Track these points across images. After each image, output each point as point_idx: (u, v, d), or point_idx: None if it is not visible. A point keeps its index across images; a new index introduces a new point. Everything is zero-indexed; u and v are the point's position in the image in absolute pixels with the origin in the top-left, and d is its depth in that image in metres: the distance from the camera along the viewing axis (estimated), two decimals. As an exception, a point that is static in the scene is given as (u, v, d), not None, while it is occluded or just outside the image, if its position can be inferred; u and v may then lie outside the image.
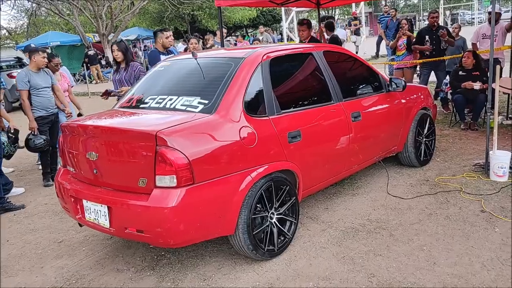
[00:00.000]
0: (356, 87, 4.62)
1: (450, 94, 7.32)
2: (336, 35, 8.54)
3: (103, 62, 23.43)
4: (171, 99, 3.55)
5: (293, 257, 3.56)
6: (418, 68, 8.70)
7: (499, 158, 4.72)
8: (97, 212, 3.34)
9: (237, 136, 3.28)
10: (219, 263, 3.57)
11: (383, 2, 32.03)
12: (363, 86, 4.72)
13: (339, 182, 4.95)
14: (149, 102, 3.67)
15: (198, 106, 3.38)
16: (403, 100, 5.04)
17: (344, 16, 45.14)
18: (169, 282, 3.38)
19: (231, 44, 10.30)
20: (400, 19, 9.73)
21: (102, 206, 3.28)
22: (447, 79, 7.52)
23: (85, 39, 23.80)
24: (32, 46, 7.74)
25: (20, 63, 16.40)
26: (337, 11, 44.85)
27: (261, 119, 3.50)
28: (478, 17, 34.05)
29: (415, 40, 8.14)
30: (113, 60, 5.82)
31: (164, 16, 27.08)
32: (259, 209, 3.44)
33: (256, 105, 3.54)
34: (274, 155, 3.53)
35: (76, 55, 23.72)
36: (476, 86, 6.69)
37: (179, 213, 2.98)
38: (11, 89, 13.05)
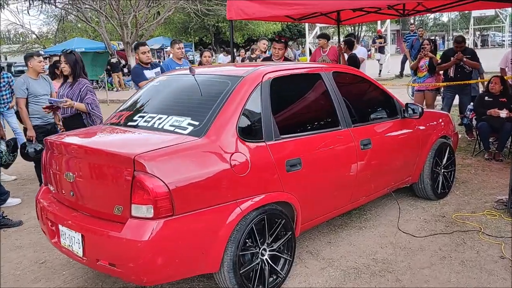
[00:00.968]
0: (368, 112, 4.26)
1: (475, 120, 6.86)
2: (354, 54, 8.18)
3: (126, 70, 23.54)
4: (160, 118, 3.26)
5: (284, 300, 3.20)
6: (442, 90, 8.27)
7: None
8: (71, 239, 3.06)
9: (227, 163, 2.96)
10: (203, 302, 3.24)
11: (411, 20, 31.51)
12: (376, 111, 4.35)
13: (347, 213, 4.57)
14: (138, 120, 3.38)
15: (188, 128, 3.08)
16: (420, 127, 4.65)
17: (371, 33, 44.68)
18: (145, 320, 3.06)
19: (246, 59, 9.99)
20: (424, 39, 9.33)
21: (76, 233, 3.00)
22: (472, 104, 7.06)
23: (109, 46, 23.98)
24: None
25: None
26: (363, 28, 44.44)
27: (256, 145, 3.17)
28: (509, 39, 33.14)
29: (440, 61, 7.73)
30: (60, 72, 5.59)
31: (188, 27, 27.14)
32: (249, 244, 3.10)
33: (252, 129, 3.22)
34: (269, 185, 3.19)
35: (100, 62, 23.86)
36: (503, 114, 6.24)
37: (154, 247, 2.67)
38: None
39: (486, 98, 6.59)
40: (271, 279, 3.24)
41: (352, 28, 35.65)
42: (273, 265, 3.25)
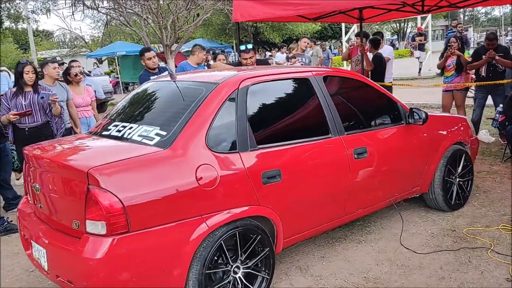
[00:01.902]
0: (365, 119, 3.97)
1: (506, 123, 6.34)
2: (379, 53, 7.81)
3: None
4: (131, 128, 3.14)
5: (258, 321, 3.00)
6: (473, 90, 7.74)
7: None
8: (39, 251, 3.00)
9: (192, 176, 2.80)
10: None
11: (461, 16, 30.06)
12: (375, 117, 4.06)
13: (349, 224, 4.30)
14: (111, 129, 3.28)
15: (154, 138, 2.94)
16: (430, 133, 4.29)
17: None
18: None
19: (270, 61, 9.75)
20: (456, 35, 8.78)
21: (41, 247, 2.93)
22: (501, 106, 6.54)
23: (149, 49, 24.37)
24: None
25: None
26: (409, 24, 43.15)
27: (228, 156, 2.99)
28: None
29: (471, 59, 7.22)
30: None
31: (227, 28, 27.21)
32: (219, 262, 2.93)
33: (224, 139, 3.04)
34: (241, 199, 3.00)
35: (140, 65, 24.30)
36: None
37: (107, 266, 2.55)
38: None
39: (517, 100, 6.08)
40: (245, 299, 3.05)
41: (379, 25, 34.18)
42: (248, 284, 3.05)
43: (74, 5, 20.88)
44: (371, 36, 8.64)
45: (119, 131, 3.19)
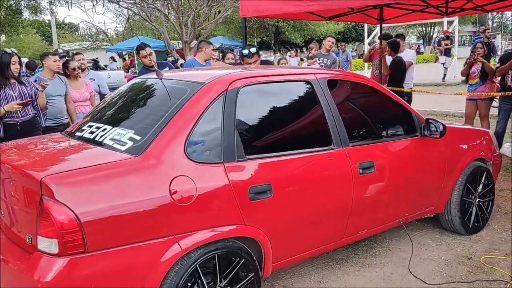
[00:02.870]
0: (374, 129, 3.55)
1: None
2: (399, 57, 7.32)
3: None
4: (104, 130, 2.79)
5: None
6: (497, 99, 7.20)
7: None
8: (-3, 265, 2.67)
9: (165, 189, 2.43)
10: None
11: (489, 22, 29.12)
12: (386, 128, 3.63)
13: (353, 244, 3.89)
14: (85, 130, 2.94)
15: (126, 144, 2.58)
16: (448, 148, 3.84)
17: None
18: None
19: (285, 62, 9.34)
20: (481, 41, 8.22)
21: (-3, 260, 2.60)
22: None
23: (169, 45, 24.23)
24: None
25: (96, 66, 16.82)
26: (435, 28, 42.23)
27: (209, 167, 2.61)
28: None
29: (498, 66, 6.69)
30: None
31: (248, 26, 26.87)
32: (194, 288, 2.56)
33: (207, 147, 2.66)
34: (223, 217, 2.62)
35: (159, 60, 24.22)
36: None
37: (58, 292, 2.20)
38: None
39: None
40: (224, 330, 2.67)
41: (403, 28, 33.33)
42: (227, 312, 2.68)
43: (95, -3, 20.86)
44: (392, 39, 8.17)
45: (92, 132, 2.84)
